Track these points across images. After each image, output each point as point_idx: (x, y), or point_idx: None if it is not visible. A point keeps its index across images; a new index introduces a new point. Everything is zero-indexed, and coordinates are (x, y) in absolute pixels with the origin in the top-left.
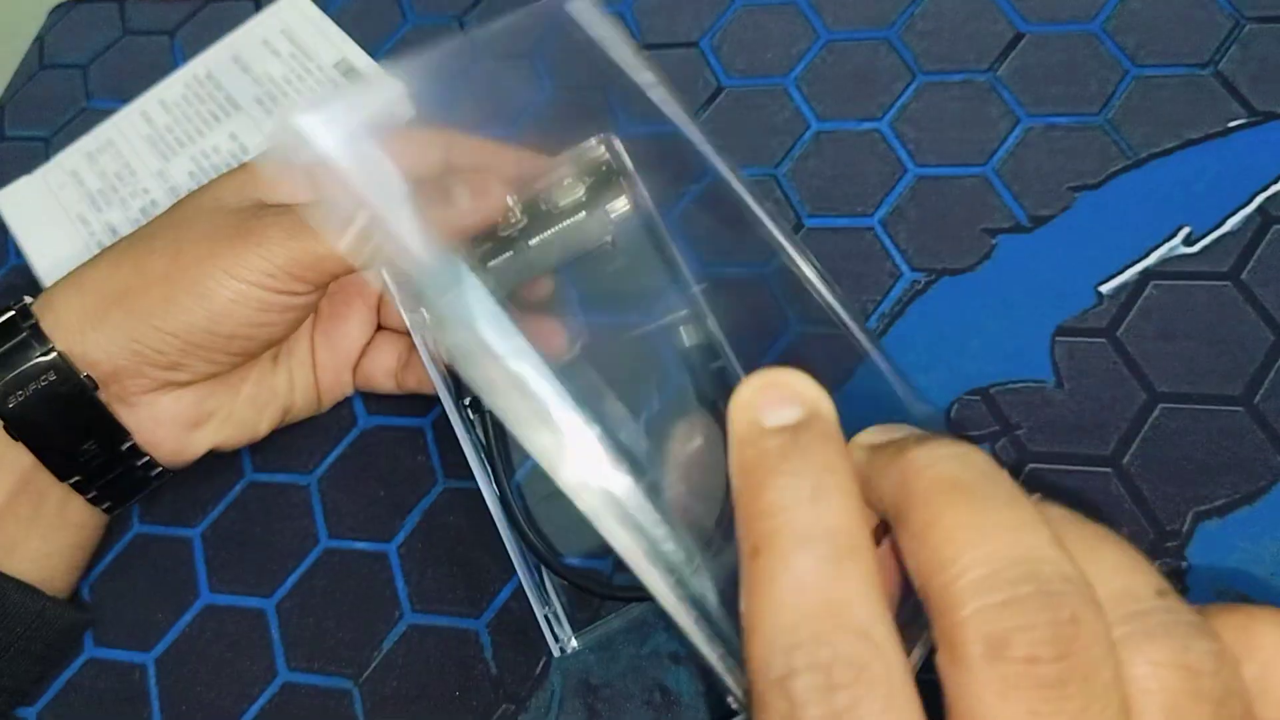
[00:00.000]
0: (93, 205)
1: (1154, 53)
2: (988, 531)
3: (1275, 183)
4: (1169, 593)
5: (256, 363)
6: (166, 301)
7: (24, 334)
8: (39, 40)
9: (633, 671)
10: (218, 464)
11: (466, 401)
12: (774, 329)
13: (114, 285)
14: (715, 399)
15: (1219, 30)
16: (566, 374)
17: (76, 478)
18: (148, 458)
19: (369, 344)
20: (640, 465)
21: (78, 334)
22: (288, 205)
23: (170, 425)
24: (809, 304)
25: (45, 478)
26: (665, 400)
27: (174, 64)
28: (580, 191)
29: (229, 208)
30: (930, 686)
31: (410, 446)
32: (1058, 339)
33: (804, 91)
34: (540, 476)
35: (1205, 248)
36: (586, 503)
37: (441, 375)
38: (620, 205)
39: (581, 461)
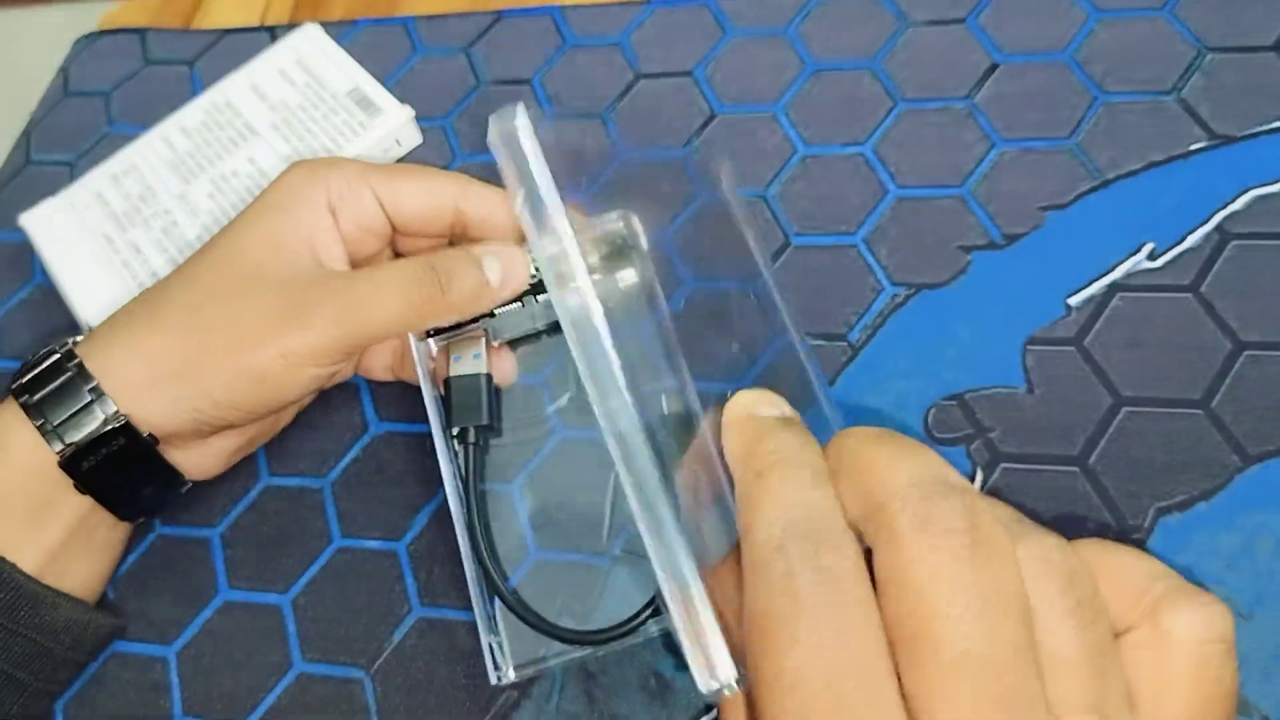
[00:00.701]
0: (118, 225)
1: (1121, 80)
2: (905, 461)
3: (1233, 201)
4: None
5: None
6: (228, 381)
7: (89, 399)
8: (64, 70)
9: (629, 658)
10: (237, 468)
11: (454, 432)
12: (764, 340)
13: (177, 359)
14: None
15: (1182, 59)
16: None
17: (138, 518)
18: (190, 484)
19: None
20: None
21: (139, 400)
22: (336, 281)
23: (217, 456)
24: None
25: (101, 515)
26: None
27: (193, 92)
28: (594, 259)
29: (281, 277)
30: None
31: (419, 451)
32: (1029, 348)
33: (792, 118)
34: (508, 515)
35: (1168, 262)
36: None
37: (435, 404)
38: (628, 278)
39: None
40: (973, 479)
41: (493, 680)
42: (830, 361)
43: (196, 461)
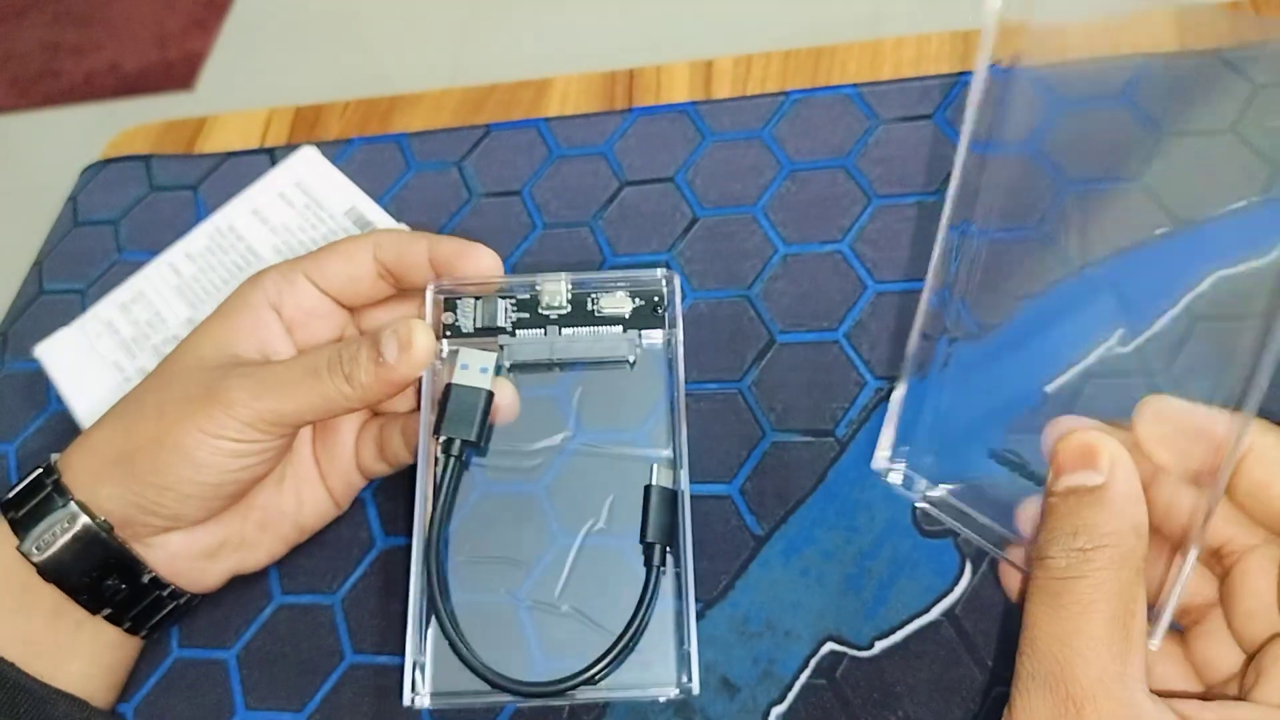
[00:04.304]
0: (127, 352)
1: (1085, 170)
2: None
3: (1200, 283)
4: None
5: (260, 491)
6: (155, 461)
7: (48, 489)
8: (72, 199)
9: None
10: (250, 589)
11: (441, 438)
12: (752, 437)
13: (113, 448)
14: (655, 543)
15: (1142, 146)
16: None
17: (107, 610)
18: (172, 587)
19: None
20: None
21: (90, 489)
22: (256, 367)
23: (185, 558)
24: None
25: (79, 609)
26: (610, 522)
27: (198, 216)
28: (627, 308)
29: (207, 365)
30: None
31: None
32: (1009, 436)
33: (771, 218)
34: (467, 541)
35: (1138, 347)
36: None
37: (428, 404)
38: (655, 336)
39: None
40: (960, 572)
41: (406, 701)
42: (820, 457)
43: (167, 564)
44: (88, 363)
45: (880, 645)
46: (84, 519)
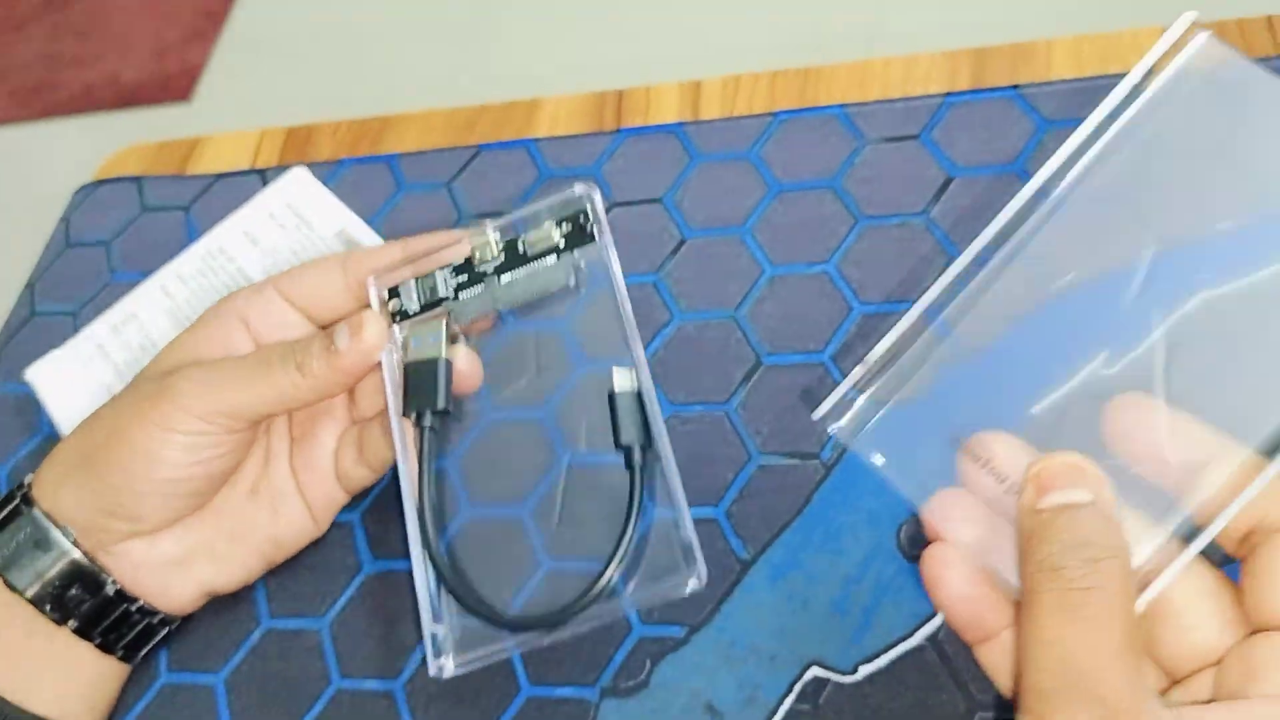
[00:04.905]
0: (118, 375)
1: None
2: None
3: (1186, 304)
4: None
5: (230, 499)
6: (110, 459)
7: (17, 501)
8: (65, 220)
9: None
10: (237, 612)
11: (413, 416)
12: (738, 460)
13: (73, 453)
14: (630, 445)
15: (1137, 169)
16: None
17: (72, 622)
18: (141, 603)
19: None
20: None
21: (53, 497)
22: (208, 364)
23: (150, 567)
24: None
25: (49, 621)
26: (590, 443)
27: (189, 237)
28: (555, 236)
29: (163, 371)
30: None
31: (413, 587)
32: None
33: (758, 239)
34: (465, 510)
35: (1123, 368)
36: None
37: (394, 389)
38: (590, 254)
39: None
40: None
41: (431, 672)
42: (805, 480)
43: (131, 574)
44: (78, 385)
45: (864, 670)
46: (43, 524)
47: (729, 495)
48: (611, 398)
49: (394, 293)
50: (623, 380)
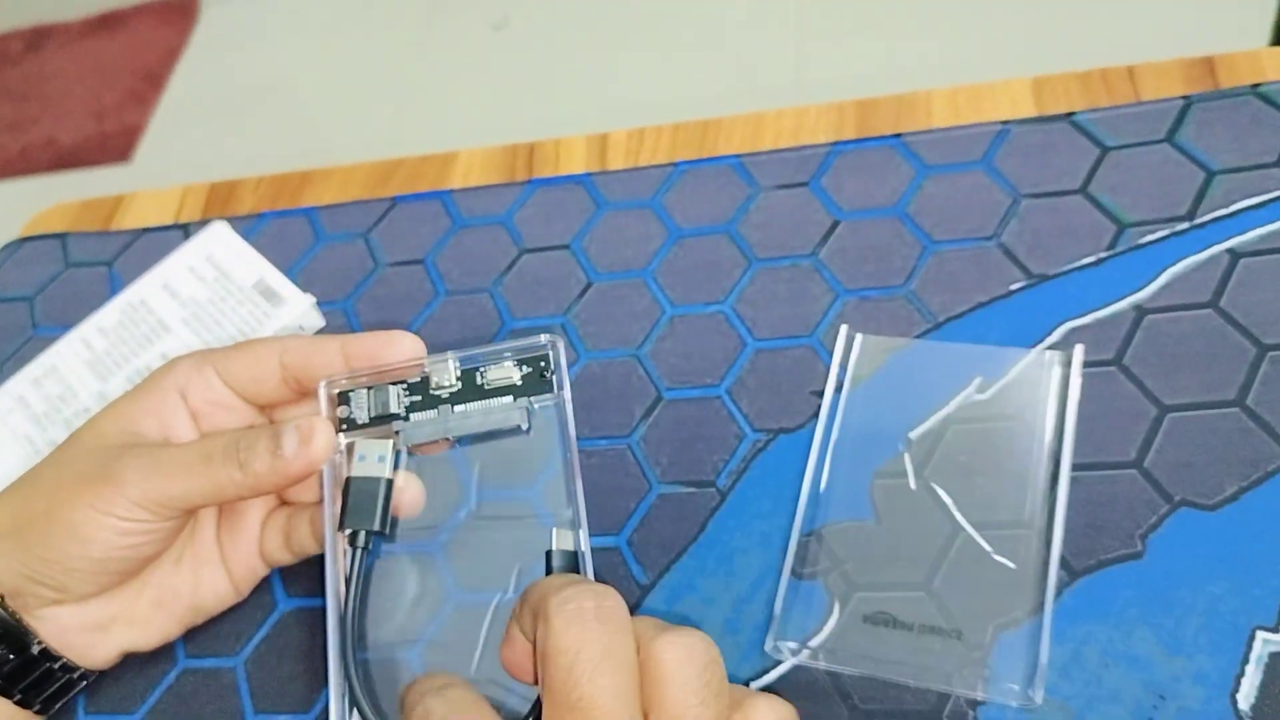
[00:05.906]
0: (37, 425)
1: (947, 230)
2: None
3: (1051, 334)
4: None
5: (156, 568)
6: (45, 535)
7: None
8: None
9: None
10: (155, 654)
11: (347, 531)
12: (640, 490)
13: (7, 520)
14: None
15: (999, 207)
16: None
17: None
18: (64, 660)
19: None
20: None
21: None
22: (151, 448)
23: (76, 631)
24: None
25: None
26: (519, 590)
27: (112, 291)
28: (515, 377)
29: (107, 443)
30: None
31: (324, 625)
32: (875, 482)
33: (659, 282)
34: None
35: (995, 394)
36: None
37: (332, 499)
38: (545, 401)
39: None
40: (829, 612)
41: None
42: (701, 507)
43: (57, 636)
44: None
45: (755, 685)
46: None
47: (630, 524)
48: (549, 557)
49: (344, 398)
50: (563, 540)
